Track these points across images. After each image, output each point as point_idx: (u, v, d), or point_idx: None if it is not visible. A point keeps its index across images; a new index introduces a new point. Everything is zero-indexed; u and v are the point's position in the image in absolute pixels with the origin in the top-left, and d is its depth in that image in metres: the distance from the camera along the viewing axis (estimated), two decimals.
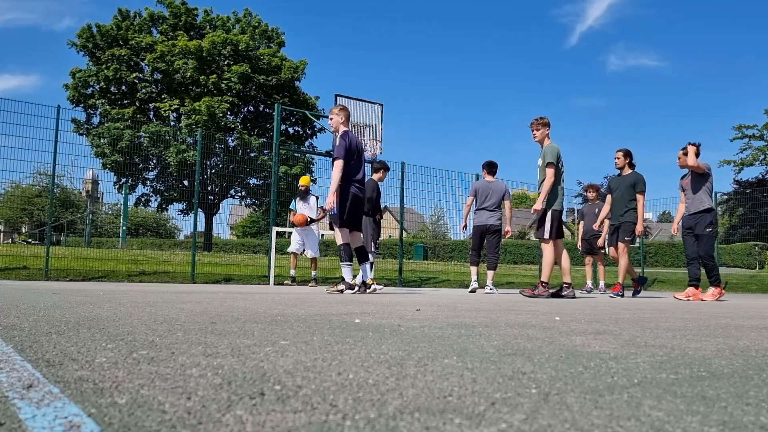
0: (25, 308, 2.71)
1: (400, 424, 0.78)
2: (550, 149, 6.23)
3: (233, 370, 1.17)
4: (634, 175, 7.45)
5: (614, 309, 4.04)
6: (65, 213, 25.70)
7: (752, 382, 1.16)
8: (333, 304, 3.67)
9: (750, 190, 33.75)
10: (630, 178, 7.44)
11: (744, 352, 1.65)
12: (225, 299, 4.02)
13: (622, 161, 7.53)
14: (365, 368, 1.22)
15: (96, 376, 1.08)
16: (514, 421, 0.80)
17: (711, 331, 2.32)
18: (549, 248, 6.25)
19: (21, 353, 1.34)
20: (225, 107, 25.09)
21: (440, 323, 2.39)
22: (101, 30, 26.10)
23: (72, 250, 11.68)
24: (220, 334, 1.81)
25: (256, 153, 24.25)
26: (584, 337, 1.95)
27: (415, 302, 4.27)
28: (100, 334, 1.73)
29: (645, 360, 1.44)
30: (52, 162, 9.51)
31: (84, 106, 26.41)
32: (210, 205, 21.78)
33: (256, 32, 27.51)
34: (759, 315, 3.69)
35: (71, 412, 0.81)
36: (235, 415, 0.81)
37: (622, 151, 7.55)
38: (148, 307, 2.95)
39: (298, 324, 2.21)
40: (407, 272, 12.88)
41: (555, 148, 6.25)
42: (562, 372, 1.22)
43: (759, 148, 38.80)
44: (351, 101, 10.65)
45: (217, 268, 11.19)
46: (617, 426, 0.78)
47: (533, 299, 5.68)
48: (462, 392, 0.99)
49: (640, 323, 2.68)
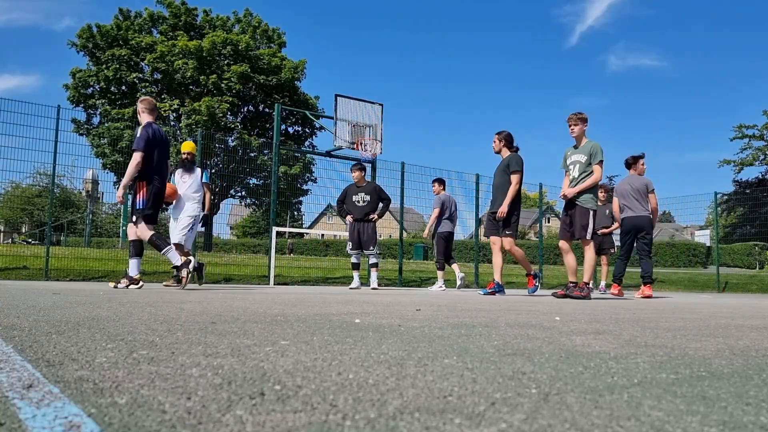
0: (25, 308, 2.71)
1: (400, 424, 0.78)
2: (598, 147, 6.16)
3: (233, 370, 1.17)
4: (508, 158, 6.87)
5: (614, 309, 4.04)
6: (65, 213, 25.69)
7: (752, 382, 1.16)
8: (333, 304, 3.67)
9: (750, 190, 33.76)
10: (504, 161, 6.92)
11: (744, 352, 1.65)
12: (225, 299, 4.02)
13: (498, 145, 7.00)
14: (365, 368, 1.22)
15: (96, 376, 1.08)
16: (514, 421, 0.80)
17: (711, 331, 2.32)
18: (591, 248, 6.21)
19: (21, 353, 1.34)
20: (225, 107, 25.11)
21: (440, 323, 2.39)
22: (101, 30, 26.11)
23: (72, 250, 11.67)
24: (220, 334, 1.81)
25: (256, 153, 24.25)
26: (584, 337, 1.95)
27: (415, 302, 4.27)
28: (100, 334, 1.73)
29: (645, 360, 1.44)
30: (52, 162, 9.51)
31: (84, 106, 26.43)
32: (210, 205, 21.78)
33: (257, 32, 27.52)
34: (759, 315, 3.69)
35: (71, 412, 0.81)
36: (235, 415, 0.81)
37: (498, 134, 7.03)
38: (148, 307, 2.95)
39: (298, 324, 2.21)
40: (407, 272, 12.88)
41: (601, 147, 6.17)
42: (562, 372, 1.22)
43: (759, 148, 38.84)
44: (351, 101, 10.65)
45: (217, 268, 11.18)
46: (617, 426, 0.78)
47: (533, 299, 5.67)
48: (462, 392, 0.99)
49: (640, 323, 2.69)
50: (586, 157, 6.19)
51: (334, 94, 10.55)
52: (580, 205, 6.19)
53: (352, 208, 8.33)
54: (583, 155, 6.22)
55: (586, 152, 6.21)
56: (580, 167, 6.25)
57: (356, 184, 8.42)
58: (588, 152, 6.19)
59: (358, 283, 8.42)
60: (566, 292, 6.16)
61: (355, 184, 8.44)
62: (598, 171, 6.13)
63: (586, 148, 6.22)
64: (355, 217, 8.27)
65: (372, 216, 8.23)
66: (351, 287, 8.36)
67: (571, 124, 6.35)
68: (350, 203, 8.36)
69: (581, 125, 6.31)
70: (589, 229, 6.14)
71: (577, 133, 6.32)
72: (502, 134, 6.99)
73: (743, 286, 15.53)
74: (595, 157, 6.15)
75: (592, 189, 6.21)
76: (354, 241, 8.27)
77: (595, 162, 6.14)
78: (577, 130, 6.31)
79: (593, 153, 6.16)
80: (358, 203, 8.29)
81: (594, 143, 6.21)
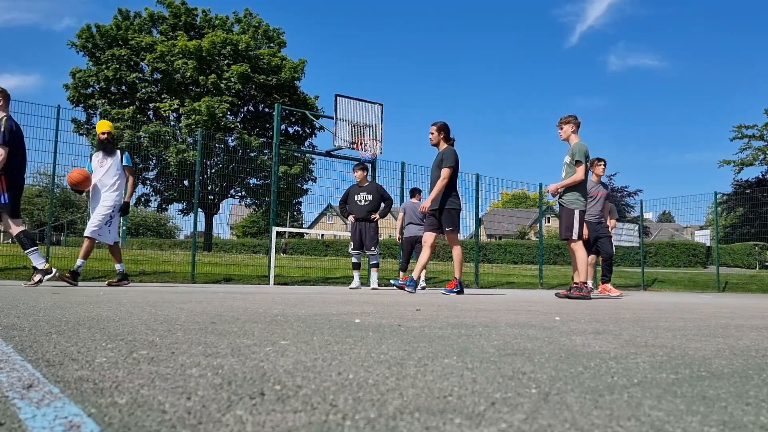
0: (25, 308, 2.71)
1: (400, 424, 0.78)
2: (578, 147, 6.18)
3: (233, 370, 1.17)
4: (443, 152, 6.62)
5: (614, 309, 4.04)
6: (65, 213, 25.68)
7: (752, 382, 1.16)
8: (333, 304, 3.67)
9: (750, 190, 33.75)
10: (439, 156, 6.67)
11: (744, 352, 1.65)
12: (225, 299, 4.02)
13: (436, 137, 6.71)
14: (365, 368, 1.22)
15: (96, 376, 1.08)
16: (514, 421, 0.80)
17: (711, 331, 2.32)
18: (580, 247, 6.21)
19: (21, 353, 1.34)
20: (225, 107, 25.11)
21: (440, 323, 2.39)
22: (101, 30, 26.11)
23: (72, 250, 11.67)
24: (220, 334, 1.81)
25: (256, 153, 24.26)
26: (584, 337, 1.95)
27: (415, 302, 4.27)
28: (100, 334, 1.73)
29: (645, 360, 1.44)
30: (52, 162, 9.52)
31: (84, 106, 26.44)
32: (210, 205, 21.79)
33: (258, 32, 27.52)
34: (759, 315, 3.69)
35: (71, 412, 0.81)
36: (235, 415, 0.81)
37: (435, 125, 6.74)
38: (148, 307, 2.95)
39: (298, 324, 2.21)
40: (407, 272, 12.88)
41: (584, 147, 6.20)
42: (562, 372, 1.22)
43: (759, 148, 38.84)
44: (351, 101, 10.65)
45: (217, 268, 11.18)
46: (617, 426, 0.78)
47: (533, 299, 5.67)
48: (462, 392, 0.99)
49: (640, 323, 2.69)
50: (570, 158, 6.27)
51: (334, 94, 10.56)
52: (565, 206, 6.22)
53: (354, 207, 8.34)
54: (569, 156, 6.31)
55: (570, 153, 6.30)
56: (565, 168, 6.34)
57: (358, 183, 8.43)
58: (571, 153, 6.28)
59: (358, 283, 8.43)
60: (567, 293, 6.18)
61: (357, 183, 8.45)
62: (578, 171, 6.15)
63: (570, 149, 6.30)
64: (356, 216, 8.27)
65: (374, 216, 8.23)
66: (351, 287, 8.36)
67: (558, 128, 6.45)
68: (352, 203, 8.38)
69: (566, 127, 6.36)
70: (575, 229, 6.14)
71: (563, 136, 6.40)
72: (438, 125, 6.68)
73: (743, 286, 15.53)
74: (573, 158, 6.20)
75: (578, 189, 6.21)
76: (356, 241, 8.27)
77: (574, 162, 6.19)
78: (563, 133, 6.38)
79: (573, 153, 6.23)
80: (360, 203, 8.30)
81: (577, 143, 6.25)
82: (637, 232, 15.52)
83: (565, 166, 6.32)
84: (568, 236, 6.18)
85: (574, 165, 6.16)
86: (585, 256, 6.22)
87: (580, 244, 6.19)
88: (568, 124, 6.37)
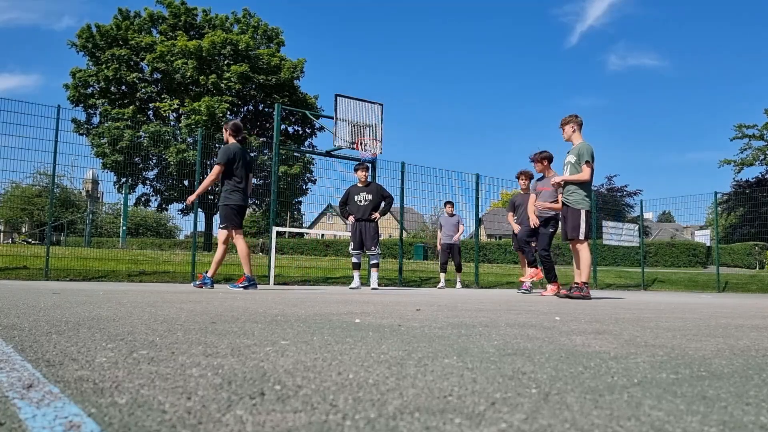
0: (25, 308, 2.71)
1: (400, 424, 0.78)
2: (585, 147, 6.19)
3: (233, 370, 1.17)
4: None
5: (614, 309, 4.04)
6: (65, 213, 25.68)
7: (752, 382, 1.16)
8: (333, 304, 3.67)
9: (750, 190, 33.73)
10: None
11: (744, 352, 1.65)
12: (225, 299, 4.02)
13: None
14: (365, 368, 1.22)
15: (96, 376, 1.08)
16: (514, 421, 0.80)
17: (711, 331, 2.32)
18: (585, 248, 6.21)
19: (21, 353, 1.34)
20: (225, 107, 25.09)
21: (440, 323, 2.39)
22: (101, 30, 26.10)
23: (72, 250, 11.67)
24: (220, 334, 1.81)
25: (256, 153, 24.24)
26: (584, 337, 1.95)
27: (415, 302, 4.27)
28: (100, 334, 1.73)
29: (645, 360, 1.44)
30: (52, 162, 9.51)
31: (84, 106, 26.42)
32: (210, 205, 21.77)
33: (257, 32, 27.52)
34: (759, 315, 3.69)
35: (71, 411, 0.81)
36: (235, 415, 0.81)
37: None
38: (148, 307, 2.95)
39: (298, 324, 2.21)
40: (407, 272, 12.89)
41: (590, 147, 6.19)
42: (562, 372, 1.22)
43: (759, 148, 38.83)
44: (351, 101, 10.65)
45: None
46: (617, 426, 0.78)
47: (533, 299, 5.67)
48: (462, 392, 0.99)
49: (640, 323, 2.68)
50: (576, 158, 6.27)
51: (334, 94, 10.55)
52: (570, 206, 6.22)
53: (354, 207, 8.34)
54: (573, 156, 6.31)
55: (575, 153, 6.29)
56: (570, 168, 6.33)
57: (359, 183, 8.43)
58: (576, 153, 6.27)
59: (359, 283, 8.42)
60: (568, 292, 6.19)
61: (358, 183, 8.44)
62: (586, 170, 6.15)
63: (576, 149, 6.29)
64: (357, 216, 8.27)
65: (374, 215, 8.23)
66: (351, 287, 8.36)
67: (561, 128, 6.48)
68: (352, 203, 8.37)
69: (567, 127, 6.39)
70: (581, 229, 6.14)
71: (566, 136, 6.43)
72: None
73: (743, 286, 15.53)
74: (581, 158, 6.20)
75: (584, 189, 6.21)
76: (356, 241, 8.27)
77: (582, 162, 6.18)
78: (565, 133, 6.42)
79: (580, 153, 6.23)
80: (360, 202, 8.30)
81: (582, 143, 6.26)
82: (637, 232, 15.53)
83: (569, 165, 6.31)
84: (575, 236, 6.18)
85: (582, 165, 6.16)
86: (589, 257, 6.22)
87: (586, 245, 6.20)
88: (568, 124, 6.40)
